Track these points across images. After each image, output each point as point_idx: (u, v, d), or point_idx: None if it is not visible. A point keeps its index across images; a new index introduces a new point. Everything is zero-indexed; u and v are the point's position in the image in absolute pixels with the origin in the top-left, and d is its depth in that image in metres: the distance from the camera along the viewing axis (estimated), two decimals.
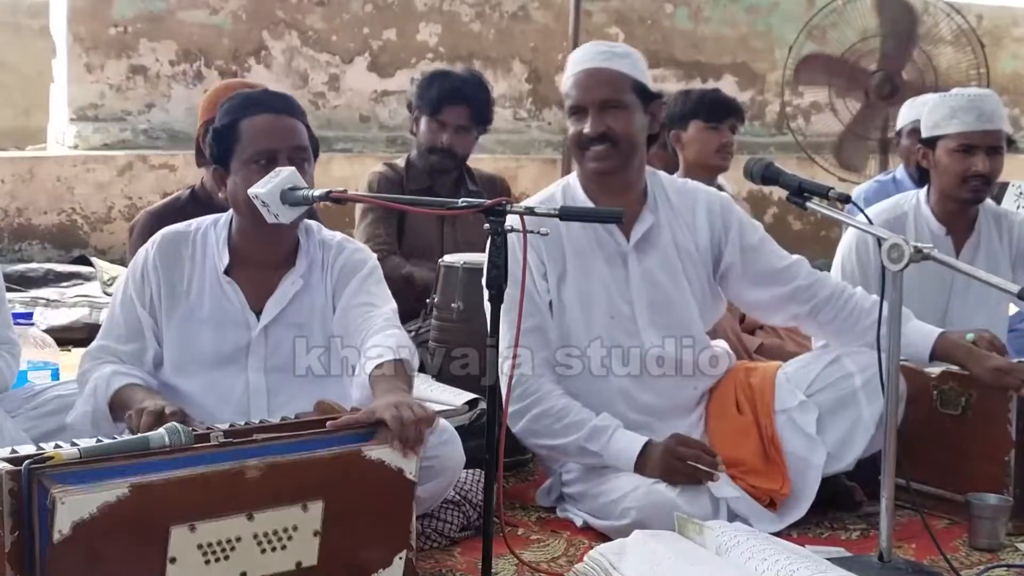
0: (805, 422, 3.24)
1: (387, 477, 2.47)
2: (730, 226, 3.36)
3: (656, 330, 3.26)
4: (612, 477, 3.11)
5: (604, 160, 3.23)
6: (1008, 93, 10.51)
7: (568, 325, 3.25)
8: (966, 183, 3.70)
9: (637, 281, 3.27)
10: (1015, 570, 2.92)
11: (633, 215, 3.27)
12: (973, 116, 3.67)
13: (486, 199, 2.71)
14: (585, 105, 3.22)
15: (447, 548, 3.02)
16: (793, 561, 2.52)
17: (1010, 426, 3.16)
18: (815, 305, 3.37)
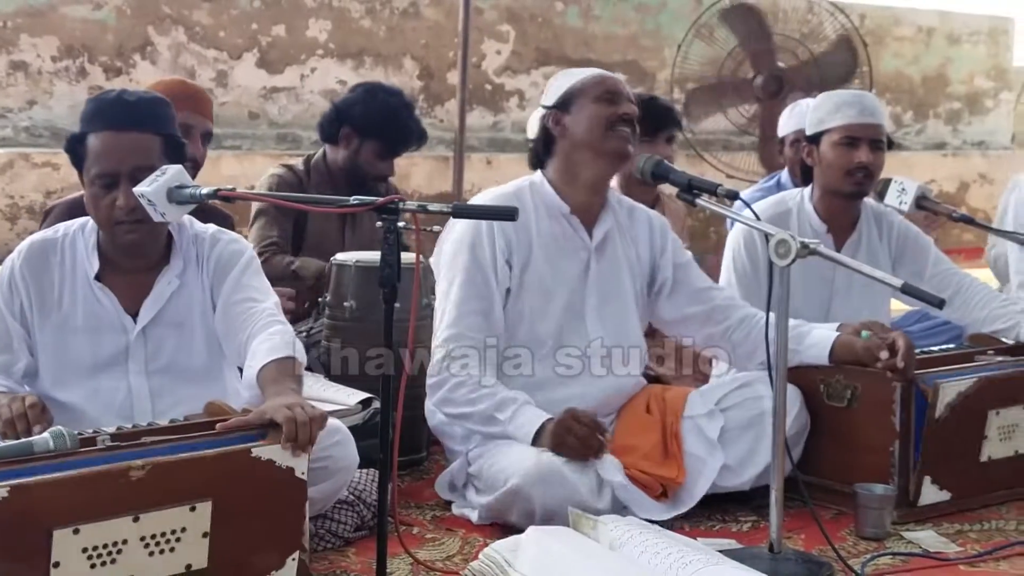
0: (710, 428, 3.33)
1: (277, 476, 2.44)
2: (666, 244, 3.55)
3: (601, 320, 3.40)
4: (506, 450, 3.14)
5: (628, 142, 3.36)
6: (890, 91, 10.76)
7: (523, 311, 3.34)
8: (850, 175, 3.76)
9: (593, 280, 3.41)
10: (900, 558, 2.97)
11: (595, 216, 3.45)
12: (856, 110, 3.75)
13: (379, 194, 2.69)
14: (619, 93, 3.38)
15: (341, 549, 3.00)
16: (686, 554, 2.54)
17: (894, 417, 3.23)
18: (729, 326, 3.50)
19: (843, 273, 3.78)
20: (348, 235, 4.41)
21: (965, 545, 3.07)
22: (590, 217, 3.44)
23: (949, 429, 3.23)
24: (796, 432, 3.33)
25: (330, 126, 4.45)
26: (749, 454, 3.30)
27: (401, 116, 4.42)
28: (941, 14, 11.31)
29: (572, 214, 3.41)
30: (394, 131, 4.39)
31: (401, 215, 2.60)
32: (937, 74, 11.24)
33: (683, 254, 3.60)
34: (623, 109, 3.35)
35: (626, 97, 3.39)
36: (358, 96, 4.46)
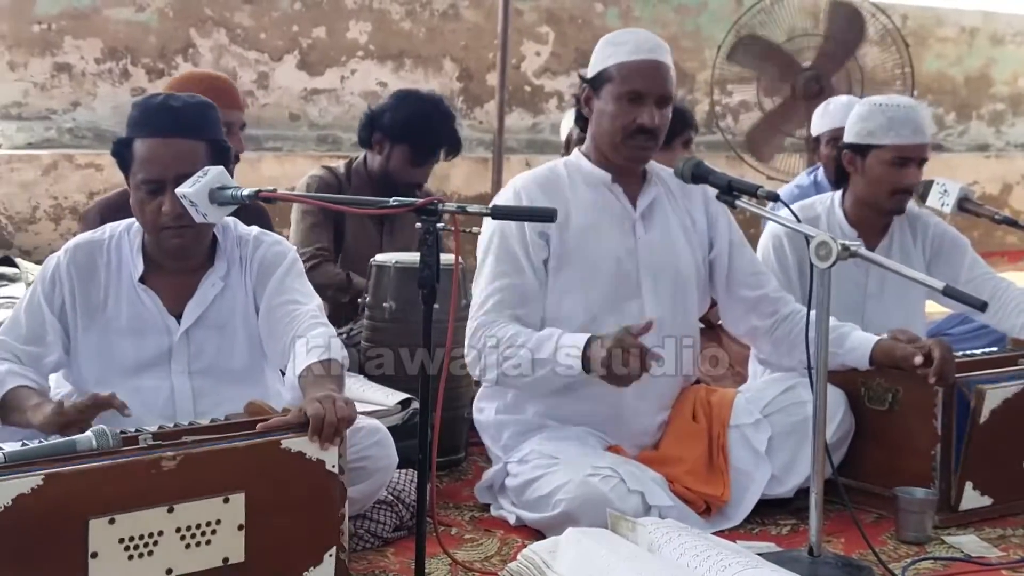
0: (757, 440, 3.29)
1: (308, 469, 2.46)
2: (720, 216, 3.47)
3: (658, 298, 3.31)
4: (551, 472, 3.10)
5: (647, 151, 3.32)
6: (932, 93, 10.68)
7: (570, 281, 3.26)
8: (895, 195, 3.75)
9: (644, 247, 3.33)
10: (941, 562, 2.95)
11: (636, 189, 3.37)
12: (910, 129, 3.70)
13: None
14: (646, 94, 3.26)
15: (380, 549, 3.01)
16: (724, 556, 2.53)
17: (936, 421, 3.21)
18: (775, 321, 3.45)
19: (876, 278, 3.76)
20: (386, 239, 4.42)
21: (1008, 550, 3.04)
22: (634, 187, 3.36)
23: (993, 434, 3.20)
24: (840, 437, 3.31)
25: (364, 131, 4.48)
26: (793, 462, 3.28)
27: (432, 122, 4.39)
28: (985, 14, 11.21)
29: (614, 183, 3.34)
30: (423, 137, 4.36)
31: (440, 216, 2.61)
32: (980, 75, 11.14)
33: (737, 231, 3.52)
34: (643, 118, 3.24)
35: (655, 97, 3.26)
36: (390, 102, 4.47)
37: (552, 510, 3.04)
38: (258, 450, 2.44)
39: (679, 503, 3.14)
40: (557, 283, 3.27)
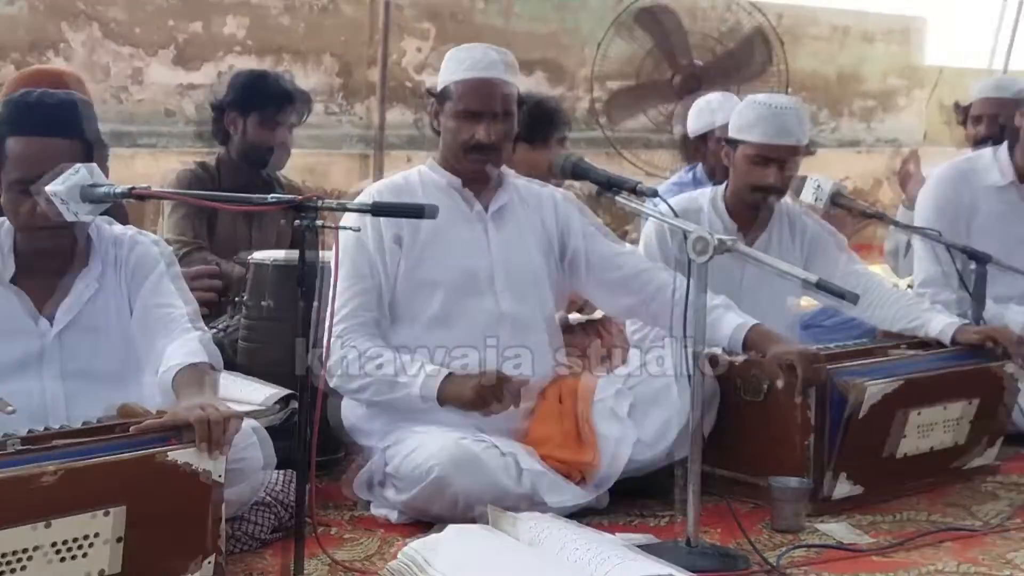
0: (619, 407, 3.35)
1: (191, 480, 2.42)
2: (571, 213, 3.55)
3: (511, 293, 3.38)
4: (422, 441, 3.14)
5: (485, 164, 3.38)
6: (806, 89, 10.88)
7: (419, 280, 3.33)
8: (756, 191, 3.83)
9: (495, 244, 3.40)
10: (814, 550, 3.02)
11: (489, 194, 3.44)
12: (774, 128, 3.76)
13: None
14: (480, 112, 3.33)
15: (258, 551, 2.97)
16: (604, 549, 2.56)
17: (809, 411, 3.27)
18: (646, 296, 3.51)
19: (751, 272, 3.84)
20: (255, 234, 4.38)
21: (877, 536, 3.12)
22: (486, 192, 3.44)
23: (869, 428, 3.28)
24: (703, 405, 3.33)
25: (216, 124, 4.48)
26: (662, 428, 3.32)
27: (268, 80, 4.48)
28: (856, 13, 11.47)
29: (464, 187, 3.41)
30: (266, 96, 4.38)
31: (319, 214, 2.60)
32: (851, 72, 11.40)
33: (592, 223, 3.59)
34: (479, 135, 3.32)
35: (490, 114, 3.32)
36: (225, 87, 4.51)
37: (427, 477, 3.06)
38: (143, 463, 2.38)
39: (550, 472, 3.19)
40: (411, 282, 3.34)
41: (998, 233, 4.25)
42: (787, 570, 2.84)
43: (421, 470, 3.09)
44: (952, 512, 3.33)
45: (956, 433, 3.50)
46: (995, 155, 4.36)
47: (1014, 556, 2.94)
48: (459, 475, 3.04)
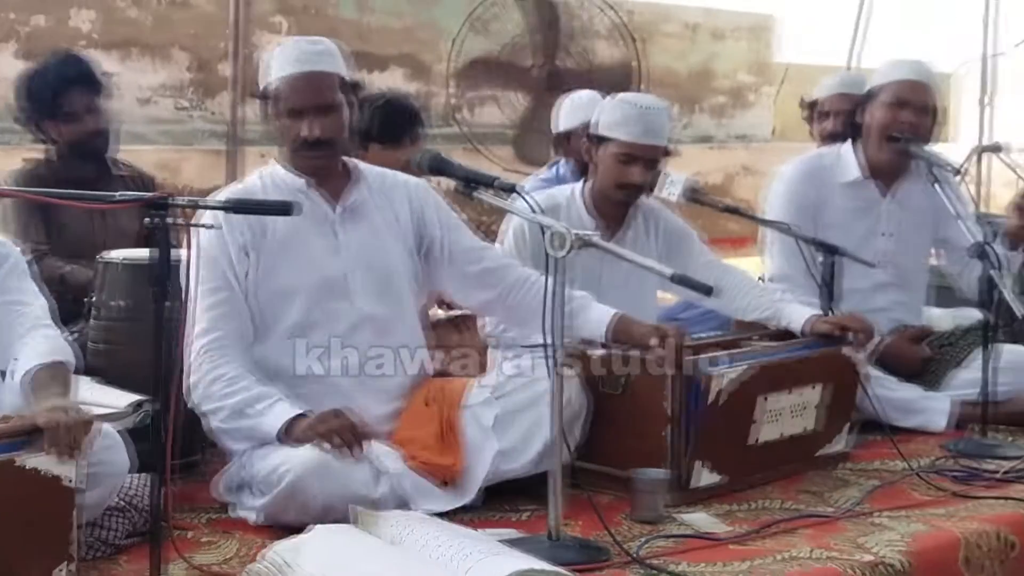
0: (484, 417, 3.32)
1: (43, 486, 2.35)
2: (427, 207, 3.49)
3: (368, 293, 3.33)
4: (277, 448, 3.10)
5: (320, 160, 3.32)
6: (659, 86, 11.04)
7: (271, 289, 3.27)
8: (620, 189, 3.87)
9: (347, 246, 3.33)
10: (674, 539, 3.06)
11: (339, 190, 3.37)
12: (640, 129, 3.80)
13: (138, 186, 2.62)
14: (302, 108, 3.26)
15: (113, 557, 2.89)
16: (467, 545, 2.56)
17: (666, 403, 3.32)
18: (503, 290, 3.50)
19: (610, 267, 3.88)
20: (98, 223, 4.26)
21: (734, 524, 3.18)
22: (336, 188, 3.37)
23: (723, 415, 3.34)
24: (572, 415, 3.34)
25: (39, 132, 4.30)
26: (525, 438, 3.30)
27: (49, 68, 4.28)
28: (706, 11, 11.70)
29: (311, 188, 3.33)
30: (54, 89, 4.21)
31: (171, 211, 2.54)
32: (703, 69, 11.62)
33: (450, 214, 3.54)
34: (304, 132, 3.26)
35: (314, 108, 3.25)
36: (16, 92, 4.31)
37: (280, 482, 3.01)
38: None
39: (412, 474, 3.17)
40: (265, 292, 3.28)
41: (847, 228, 4.36)
42: (648, 560, 2.88)
43: (276, 475, 3.04)
44: (806, 499, 3.41)
45: (809, 419, 3.59)
46: (843, 151, 4.47)
47: (865, 540, 3.02)
48: (312, 481, 2.98)
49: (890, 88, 4.33)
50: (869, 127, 4.38)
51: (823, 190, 4.42)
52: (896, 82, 4.33)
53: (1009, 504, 3.33)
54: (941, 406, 4.17)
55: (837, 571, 2.82)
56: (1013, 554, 3.16)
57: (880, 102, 4.34)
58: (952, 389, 4.23)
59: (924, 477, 3.56)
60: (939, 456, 3.83)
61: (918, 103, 4.30)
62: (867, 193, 4.43)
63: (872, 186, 4.43)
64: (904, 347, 4.35)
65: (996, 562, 3.12)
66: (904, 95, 4.30)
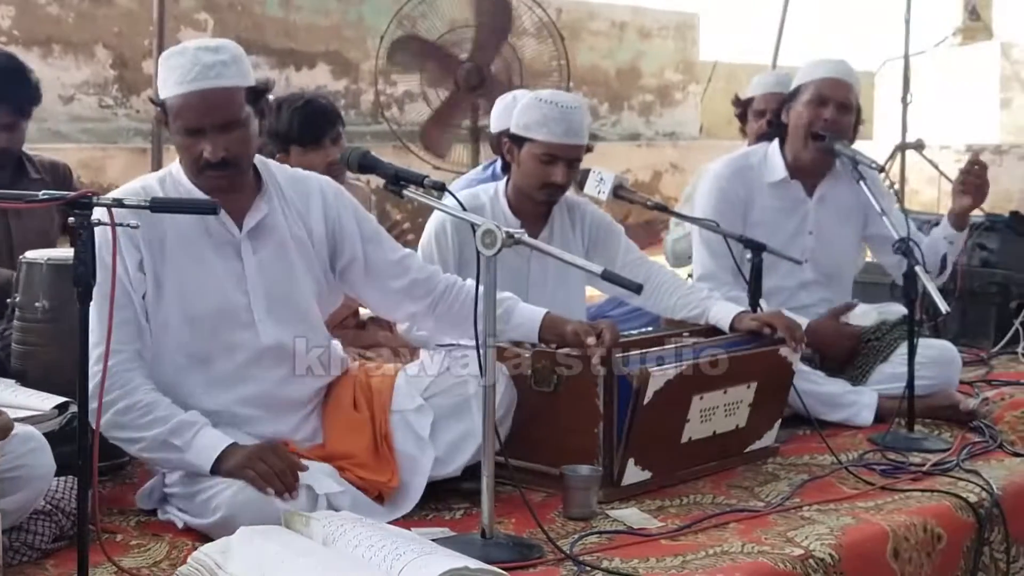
0: (419, 425, 3.29)
1: None
2: (345, 216, 3.28)
3: (273, 322, 3.16)
4: (206, 479, 3.00)
5: (224, 180, 3.08)
6: (587, 84, 11.11)
7: (167, 322, 3.09)
8: (543, 189, 3.87)
9: (252, 272, 3.13)
10: (606, 536, 3.07)
11: (245, 206, 3.14)
12: (562, 129, 3.80)
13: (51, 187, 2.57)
14: (200, 128, 3.01)
15: (39, 561, 2.85)
16: (399, 545, 2.54)
17: (598, 400, 3.33)
18: (431, 301, 3.38)
19: (537, 265, 3.90)
20: (14, 223, 4.17)
21: (666, 520, 3.19)
22: (241, 206, 3.13)
23: (655, 414, 3.34)
24: (503, 412, 3.34)
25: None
26: (458, 442, 3.29)
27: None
28: (633, 9, 11.76)
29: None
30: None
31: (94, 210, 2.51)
32: (630, 67, 11.68)
33: (368, 223, 3.34)
34: (206, 154, 3.00)
35: (213, 128, 2.99)
36: None
37: (213, 515, 2.95)
38: None
39: (352, 488, 3.12)
40: (157, 317, 3.08)
41: (774, 227, 4.41)
42: (581, 557, 2.88)
43: (208, 507, 2.96)
44: (736, 494, 3.44)
45: (742, 417, 3.61)
46: (770, 151, 4.51)
47: (795, 534, 3.05)
48: (245, 514, 2.86)
49: (812, 86, 4.38)
50: (793, 126, 4.42)
51: (751, 189, 4.46)
52: (818, 80, 4.38)
53: (935, 496, 3.38)
54: (867, 400, 4.23)
55: (768, 565, 2.84)
56: (940, 546, 3.22)
57: (802, 101, 4.39)
58: (876, 383, 4.29)
59: (852, 471, 3.60)
60: (866, 450, 3.88)
61: (840, 100, 4.35)
62: (792, 193, 4.48)
63: (797, 186, 4.48)
64: (832, 325, 4.38)
65: (923, 554, 3.16)
66: (826, 92, 4.35)
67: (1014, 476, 3.59)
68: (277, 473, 2.91)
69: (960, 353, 4.50)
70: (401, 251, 3.40)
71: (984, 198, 4.42)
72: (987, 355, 5.26)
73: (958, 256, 4.68)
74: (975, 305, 5.53)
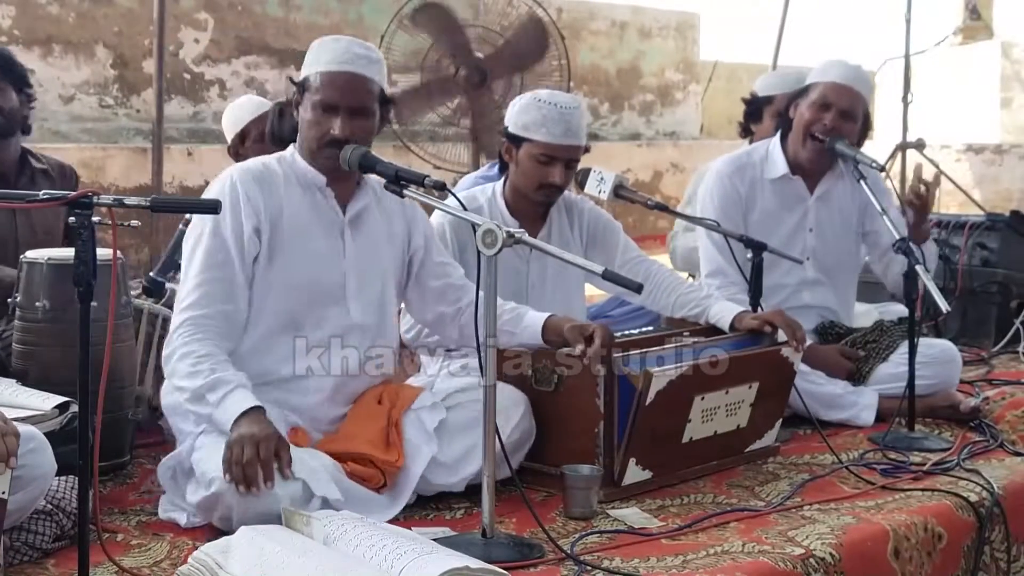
0: (429, 420, 3.32)
1: None
2: (417, 218, 3.53)
3: (363, 303, 3.34)
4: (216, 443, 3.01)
5: (338, 161, 3.26)
6: (587, 84, 11.11)
7: (272, 280, 3.25)
8: (541, 189, 3.87)
9: (351, 253, 3.34)
10: (607, 535, 3.07)
11: (348, 194, 3.37)
12: (561, 129, 3.80)
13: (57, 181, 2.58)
14: (337, 106, 3.25)
15: (40, 561, 2.85)
16: (400, 544, 2.55)
17: (598, 399, 3.33)
18: (459, 308, 3.50)
19: (537, 265, 3.90)
20: (21, 219, 4.17)
21: (667, 519, 3.19)
22: (346, 192, 3.37)
23: (657, 414, 3.34)
24: (519, 438, 3.37)
25: None
26: (466, 453, 3.30)
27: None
28: (633, 9, 11.76)
29: (327, 186, 3.33)
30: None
31: (96, 210, 2.51)
32: (631, 67, 11.68)
33: (430, 227, 3.59)
34: (335, 130, 3.24)
35: (347, 109, 3.24)
36: None
37: (208, 488, 2.97)
38: None
39: (352, 485, 3.13)
40: (263, 281, 3.26)
41: (776, 224, 4.41)
42: (581, 556, 2.88)
43: (206, 478, 2.99)
44: (737, 494, 3.44)
45: (743, 417, 3.61)
46: (772, 148, 4.51)
47: (795, 534, 3.05)
48: (237, 496, 2.90)
49: (819, 88, 4.37)
50: (795, 124, 4.42)
51: (752, 186, 4.46)
52: (827, 83, 4.36)
53: (936, 496, 3.38)
54: (868, 401, 4.23)
55: (768, 564, 2.84)
56: (940, 545, 3.22)
57: (808, 100, 4.38)
58: (876, 383, 4.28)
59: (853, 470, 3.60)
60: (867, 449, 3.88)
61: (843, 107, 4.33)
62: (794, 189, 4.48)
63: (798, 182, 4.48)
64: (833, 356, 4.36)
65: (924, 553, 3.16)
66: (831, 97, 4.34)
67: (1014, 475, 3.59)
68: (246, 463, 2.90)
69: (960, 353, 4.50)
70: (446, 256, 3.61)
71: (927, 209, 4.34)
72: (987, 354, 5.26)
73: (959, 256, 4.66)
74: (975, 305, 5.53)
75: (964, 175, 11.00)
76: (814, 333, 4.47)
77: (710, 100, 12.41)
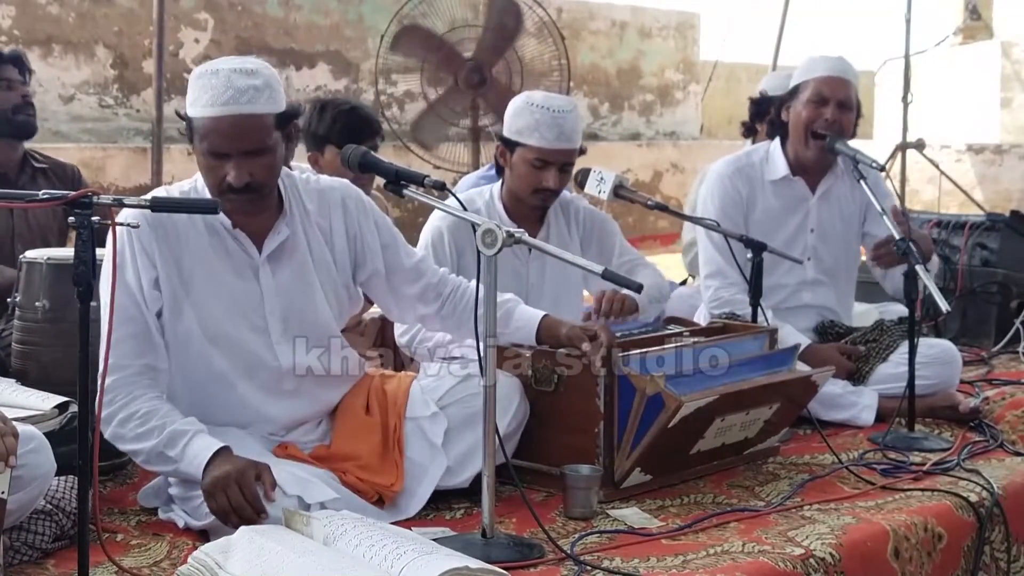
0: (433, 432, 3.29)
1: None
2: (366, 227, 3.29)
3: (290, 345, 3.17)
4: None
5: (247, 204, 3.06)
6: (587, 84, 11.11)
7: (188, 332, 3.09)
8: (536, 194, 3.87)
9: (271, 295, 3.14)
10: (607, 535, 3.07)
11: (267, 228, 3.14)
12: (554, 134, 3.80)
13: (58, 180, 2.57)
14: (228, 152, 2.97)
15: (39, 561, 2.84)
16: (400, 544, 2.54)
17: (598, 400, 3.32)
18: (440, 304, 3.42)
19: (536, 267, 3.90)
20: (18, 219, 4.17)
21: (666, 519, 3.19)
22: (263, 228, 3.13)
23: (675, 435, 3.31)
24: (515, 426, 3.36)
25: None
26: (469, 452, 3.28)
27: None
28: (633, 9, 11.76)
29: (235, 227, 3.10)
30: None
31: (95, 209, 2.51)
32: (631, 67, 11.68)
33: (387, 231, 3.34)
34: (230, 178, 2.98)
35: (239, 153, 2.97)
36: None
37: (207, 518, 2.95)
38: None
39: (349, 494, 3.11)
40: (177, 336, 3.09)
41: (777, 225, 4.41)
42: (581, 556, 2.88)
43: (202, 510, 2.96)
44: (737, 494, 3.44)
45: (750, 430, 3.58)
46: (772, 149, 4.51)
47: (795, 534, 3.05)
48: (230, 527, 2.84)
49: (811, 85, 4.37)
50: (793, 125, 4.41)
51: (753, 188, 4.46)
52: (817, 78, 4.36)
53: (936, 496, 3.38)
54: (868, 401, 4.22)
55: (768, 564, 2.84)
56: (940, 545, 3.22)
57: (802, 99, 4.38)
58: (876, 383, 4.28)
59: (853, 470, 3.60)
60: (867, 449, 3.88)
61: (840, 99, 4.33)
62: (795, 190, 4.48)
63: (799, 183, 4.48)
64: (833, 355, 4.35)
65: (924, 553, 3.16)
66: (825, 91, 4.34)
67: (1015, 475, 3.59)
68: (235, 508, 2.85)
69: (960, 353, 4.50)
70: (415, 256, 3.43)
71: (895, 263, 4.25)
72: (987, 354, 5.25)
73: (959, 256, 4.65)
74: (975, 305, 5.53)
75: (964, 175, 11.00)
76: (814, 333, 4.48)
77: (710, 100, 12.41)
